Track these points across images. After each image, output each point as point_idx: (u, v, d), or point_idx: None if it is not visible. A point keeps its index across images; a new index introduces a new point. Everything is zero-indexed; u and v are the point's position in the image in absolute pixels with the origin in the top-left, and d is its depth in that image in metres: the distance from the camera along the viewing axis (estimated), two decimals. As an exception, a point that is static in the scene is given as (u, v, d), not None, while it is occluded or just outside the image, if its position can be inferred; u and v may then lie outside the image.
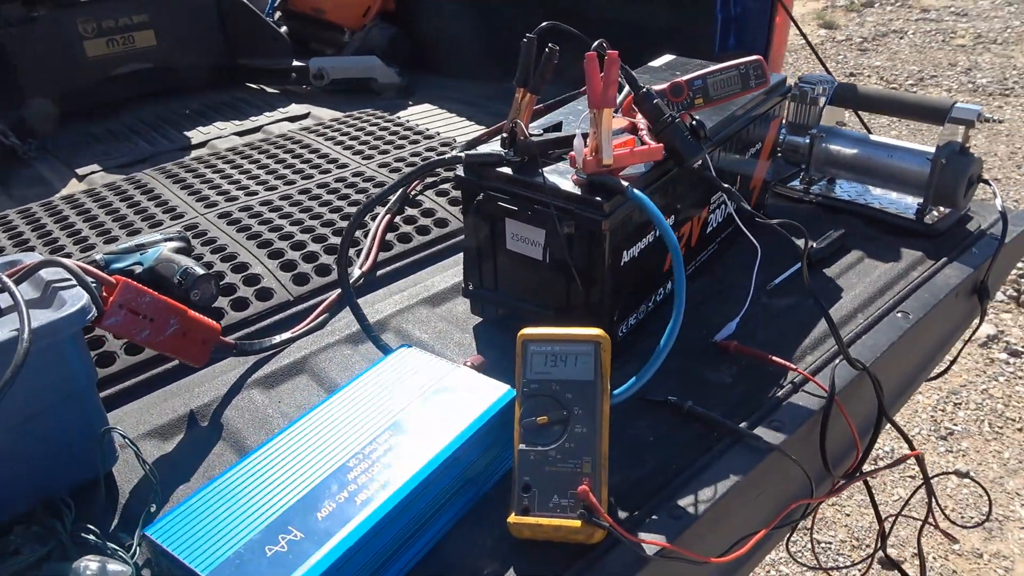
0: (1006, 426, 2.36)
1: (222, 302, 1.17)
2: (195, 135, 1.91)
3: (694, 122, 0.97)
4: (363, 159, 1.64)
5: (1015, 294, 2.88)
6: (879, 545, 1.09)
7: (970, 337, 1.32)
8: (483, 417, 0.80)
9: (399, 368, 0.88)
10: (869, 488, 1.08)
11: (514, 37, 1.02)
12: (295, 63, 2.18)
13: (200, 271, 1.14)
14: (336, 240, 1.33)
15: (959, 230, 1.28)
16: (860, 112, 1.49)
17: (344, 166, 1.61)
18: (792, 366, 0.99)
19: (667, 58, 1.31)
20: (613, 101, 0.88)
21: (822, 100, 1.35)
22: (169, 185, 1.56)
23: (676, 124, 0.95)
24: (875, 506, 1.13)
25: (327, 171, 1.59)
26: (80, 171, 1.73)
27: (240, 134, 1.91)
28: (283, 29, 2.37)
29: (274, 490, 0.73)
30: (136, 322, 0.89)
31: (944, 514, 1.17)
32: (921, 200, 1.30)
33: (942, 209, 1.31)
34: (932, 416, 2.42)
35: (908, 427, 2.39)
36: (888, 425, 1.05)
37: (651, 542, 0.77)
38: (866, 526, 2.08)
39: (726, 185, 0.96)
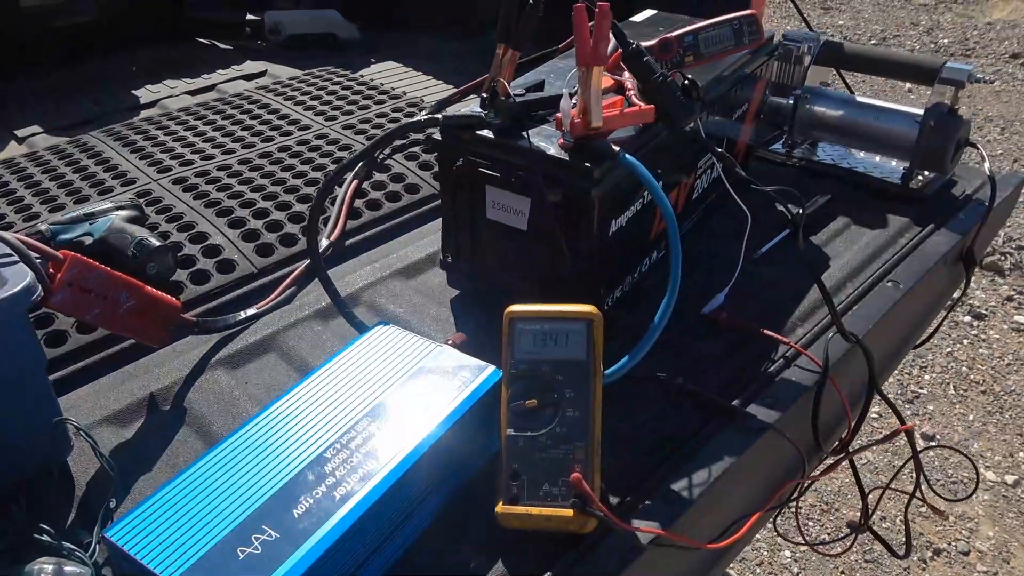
0: (970, 389, 2.39)
1: (180, 275, 1.10)
2: (144, 94, 1.80)
3: (686, 81, 0.92)
4: (326, 120, 1.55)
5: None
6: (863, 521, 1.07)
7: (953, 305, 1.31)
8: (468, 401, 0.75)
9: (377, 347, 0.82)
10: (853, 464, 1.05)
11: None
12: (249, 16, 2.07)
13: (156, 242, 1.06)
14: (301, 208, 1.25)
15: (945, 195, 1.26)
16: (843, 72, 1.45)
17: (306, 128, 1.52)
18: (784, 339, 0.96)
19: (649, 13, 1.25)
20: (604, 58, 0.82)
21: (807, 59, 1.30)
22: (118, 148, 1.46)
23: (669, 83, 0.89)
24: (859, 482, 1.11)
25: (288, 133, 1.50)
26: (20, 132, 1.62)
27: (193, 93, 1.80)
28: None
29: (246, 484, 0.67)
30: (88, 300, 0.82)
31: (931, 487, 1.16)
32: (905, 164, 1.27)
33: (927, 173, 1.28)
34: (898, 379, 2.43)
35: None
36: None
37: (646, 530, 0.74)
38: (835, 490, 2.09)
39: (719, 150, 0.91)
